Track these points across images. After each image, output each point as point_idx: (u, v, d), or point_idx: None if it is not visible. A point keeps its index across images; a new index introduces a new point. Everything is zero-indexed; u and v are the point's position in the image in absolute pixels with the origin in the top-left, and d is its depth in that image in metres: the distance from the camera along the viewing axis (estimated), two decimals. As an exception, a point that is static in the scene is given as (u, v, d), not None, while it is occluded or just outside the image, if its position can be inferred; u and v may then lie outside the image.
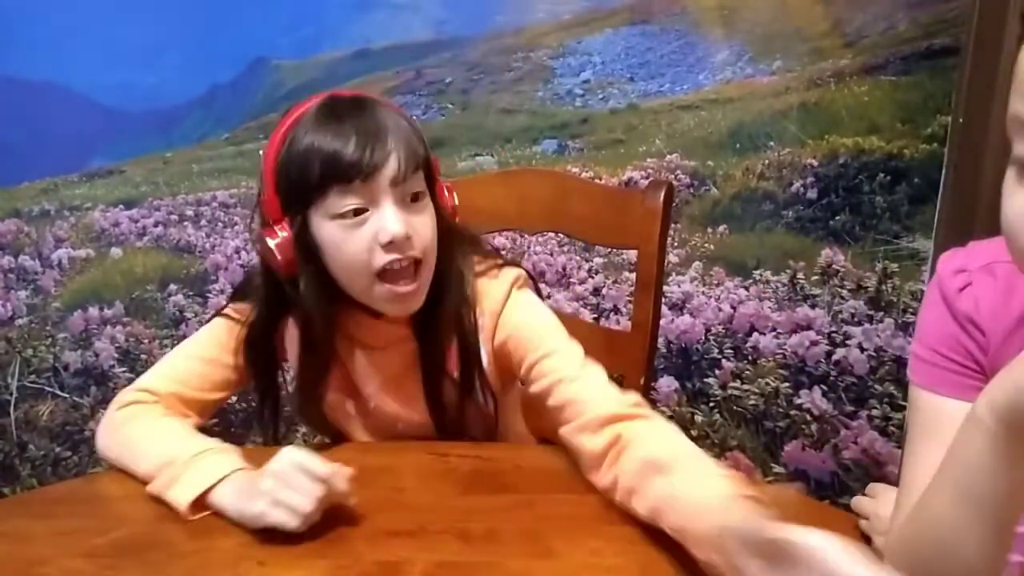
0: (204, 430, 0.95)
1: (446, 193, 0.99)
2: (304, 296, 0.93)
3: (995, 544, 0.62)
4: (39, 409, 1.97)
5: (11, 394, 1.96)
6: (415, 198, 0.91)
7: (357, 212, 0.88)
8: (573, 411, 0.90)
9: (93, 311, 1.95)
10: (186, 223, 1.94)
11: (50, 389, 1.96)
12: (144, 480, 0.89)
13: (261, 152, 0.93)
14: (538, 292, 1.05)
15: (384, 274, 0.91)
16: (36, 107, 1.85)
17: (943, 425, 0.67)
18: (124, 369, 1.95)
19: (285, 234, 0.91)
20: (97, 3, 1.80)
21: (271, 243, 0.91)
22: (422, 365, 1.01)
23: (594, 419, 0.87)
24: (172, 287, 1.95)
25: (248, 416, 1.95)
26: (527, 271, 1.05)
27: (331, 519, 0.81)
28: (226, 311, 1.02)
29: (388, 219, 0.88)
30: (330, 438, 1.09)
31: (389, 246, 0.89)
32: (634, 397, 0.91)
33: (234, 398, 1.93)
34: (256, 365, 1.02)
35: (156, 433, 0.93)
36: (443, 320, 0.98)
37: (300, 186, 0.89)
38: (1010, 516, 0.61)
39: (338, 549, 0.79)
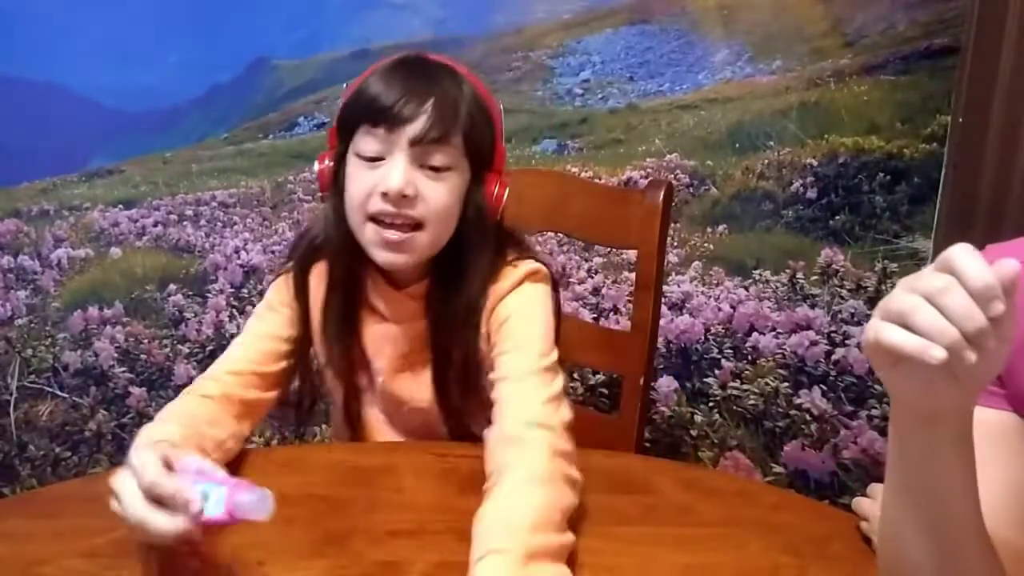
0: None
1: (496, 187, 0.99)
2: (324, 220, 1.01)
3: (939, 549, 0.62)
4: (39, 409, 1.97)
5: (11, 394, 1.96)
6: (436, 168, 0.94)
7: (374, 158, 0.94)
8: (496, 412, 0.92)
9: (93, 311, 1.95)
10: (185, 223, 1.94)
11: (50, 389, 1.96)
12: None
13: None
14: (556, 293, 1.04)
15: (376, 219, 0.95)
16: (35, 107, 1.85)
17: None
18: (124, 369, 1.95)
19: (330, 163, 0.99)
20: (97, 3, 1.79)
21: (316, 166, 1.00)
22: (432, 346, 1.02)
23: (498, 435, 0.88)
24: (171, 287, 1.95)
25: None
26: (552, 273, 1.05)
27: (331, 519, 0.81)
28: (279, 271, 1.09)
29: (393, 171, 0.92)
30: (347, 414, 1.10)
31: (385, 196, 0.92)
32: (548, 416, 0.89)
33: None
34: (333, 297, 1.04)
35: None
36: (458, 305, 0.99)
37: (345, 120, 0.97)
38: (942, 512, 0.61)
39: (338, 549, 0.79)
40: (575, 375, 1.82)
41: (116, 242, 1.94)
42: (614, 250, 1.81)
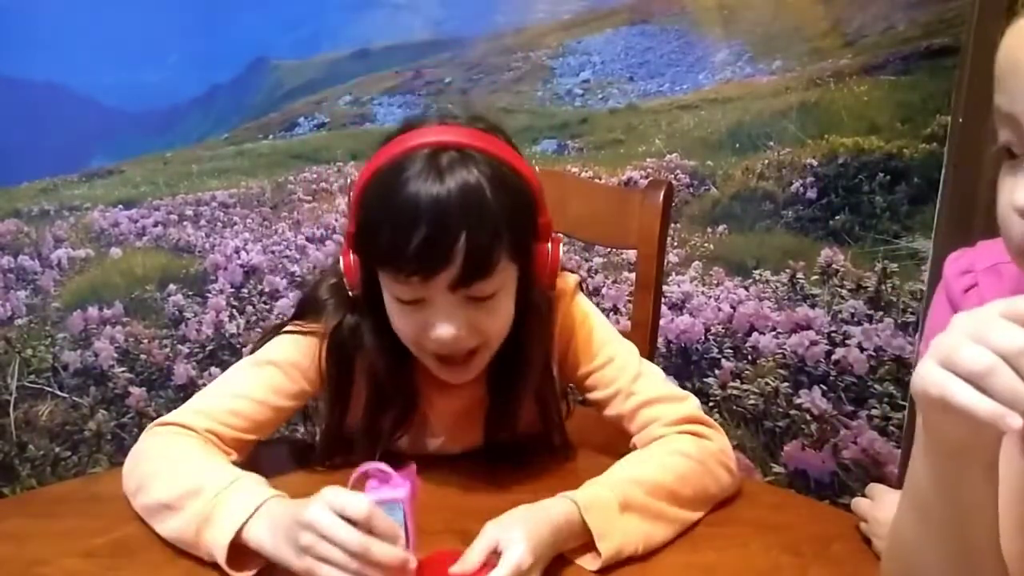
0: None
1: (549, 250, 0.88)
2: (367, 341, 0.90)
3: (957, 564, 0.61)
4: (39, 409, 1.97)
5: (11, 394, 1.96)
6: (483, 298, 0.83)
7: (414, 301, 0.83)
8: (632, 426, 0.95)
9: (92, 311, 1.95)
10: (185, 223, 1.94)
11: (49, 389, 1.96)
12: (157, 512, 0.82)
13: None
14: (583, 290, 1.03)
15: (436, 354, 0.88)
16: (36, 107, 1.85)
17: None
18: (123, 369, 1.95)
19: (355, 262, 0.86)
20: (97, 3, 1.80)
21: (342, 260, 0.87)
22: (487, 423, 0.97)
23: (646, 437, 0.93)
24: (171, 287, 1.95)
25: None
26: (574, 271, 1.04)
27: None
28: (291, 328, 0.94)
29: (440, 324, 0.83)
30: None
31: (437, 343, 0.85)
32: (687, 408, 0.95)
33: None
34: (339, 371, 0.93)
35: (176, 459, 0.86)
36: (523, 381, 0.94)
37: (367, 247, 0.84)
38: (965, 533, 0.60)
39: (338, 549, 0.79)
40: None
41: (116, 242, 1.94)
42: (614, 250, 1.81)
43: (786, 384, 1.82)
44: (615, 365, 0.96)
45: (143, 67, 1.83)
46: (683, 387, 1.86)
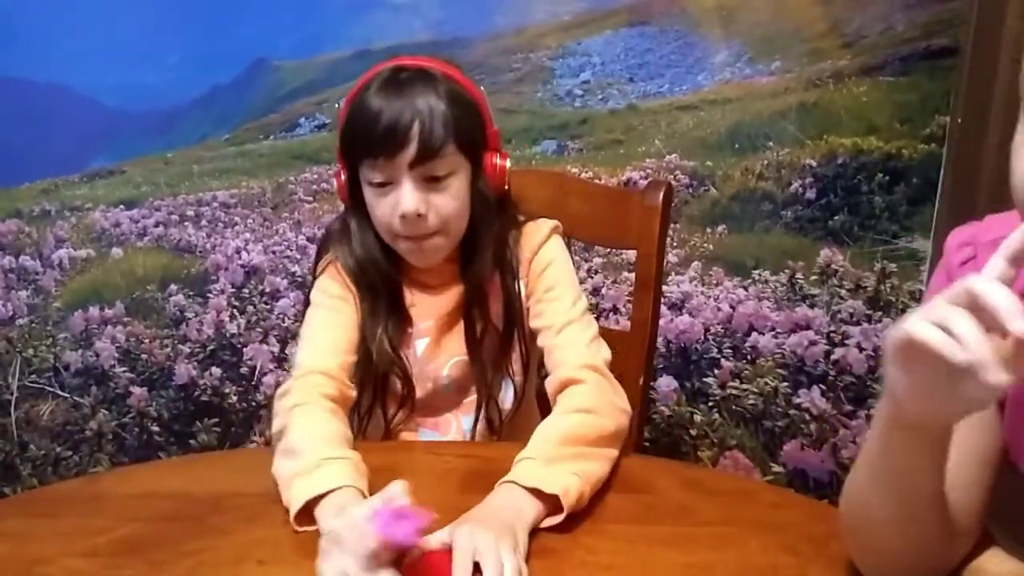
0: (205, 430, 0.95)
1: (495, 164, 1.08)
2: (353, 233, 1.09)
3: (901, 516, 0.67)
4: (40, 409, 1.97)
5: (12, 394, 1.96)
6: (438, 179, 1.02)
7: (382, 184, 1.02)
8: (547, 362, 1.08)
9: (94, 311, 1.95)
10: (186, 223, 1.94)
11: (51, 389, 1.97)
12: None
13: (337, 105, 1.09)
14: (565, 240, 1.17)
15: (402, 236, 1.04)
16: (37, 107, 1.85)
17: None
18: (125, 369, 1.96)
19: (344, 178, 1.07)
20: (98, 3, 1.80)
21: (335, 182, 1.09)
22: (464, 306, 1.11)
23: (554, 381, 1.03)
24: (173, 287, 1.95)
25: (248, 416, 1.96)
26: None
27: (331, 518, 0.81)
28: (318, 272, 1.13)
29: (403, 197, 1.01)
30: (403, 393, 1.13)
31: (403, 219, 1.01)
32: (593, 357, 1.05)
33: (234, 397, 1.95)
34: (371, 278, 1.09)
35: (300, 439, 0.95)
36: (483, 267, 1.09)
37: (349, 146, 1.05)
38: (910, 491, 0.66)
39: (338, 548, 0.79)
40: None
41: (117, 242, 1.95)
42: (614, 250, 1.82)
43: (785, 384, 1.82)
44: (559, 304, 1.09)
45: (144, 68, 1.83)
46: (682, 387, 1.88)
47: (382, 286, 1.10)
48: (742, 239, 1.82)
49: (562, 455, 0.90)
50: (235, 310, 1.95)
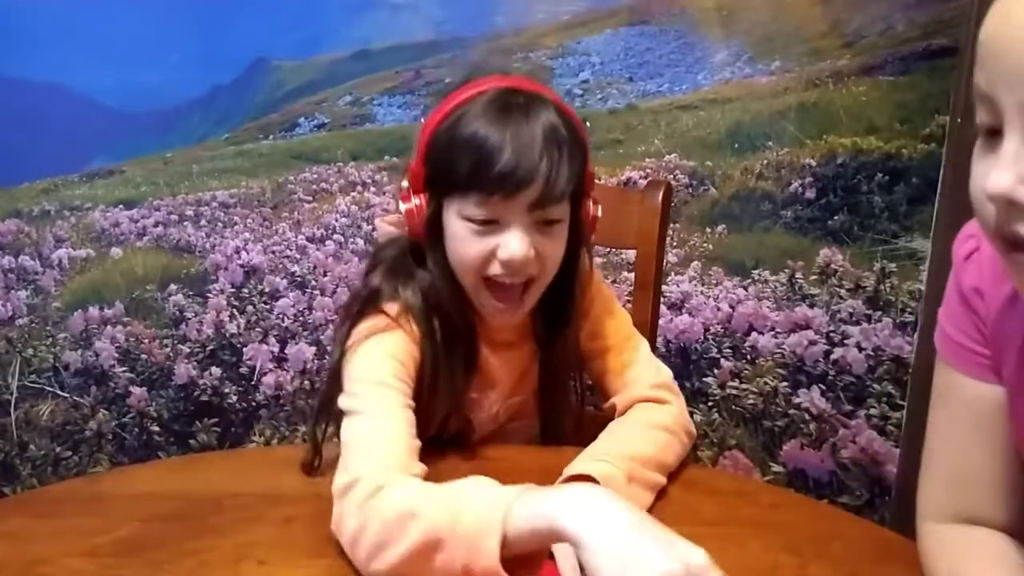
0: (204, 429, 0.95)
1: (591, 207, 0.96)
2: (432, 273, 0.94)
3: None
4: (39, 409, 1.97)
5: (11, 394, 1.96)
6: (551, 223, 0.90)
7: (487, 222, 0.88)
8: (611, 383, 1.03)
9: (93, 311, 1.95)
10: (186, 223, 1.94)
11: (50, 389, 1.97)
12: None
13: (422, 120, 0.95)
14: None
15: (492, 283, 0.92)
16: (37, 107, 1.85)
17: (957, 399, 0.74)
18: (124, 369, 1.95)
19: (419, 204, 0.91)
20: (98, 3, 1.80)
21: (403, 206, 0.92)
22: (540, 368, 1.04)
23: (627, 400, 1.00)
24: (172, 287, 1.95)
25: (247, 416, 1.96)
26: None
27: (330, 518, 0.81)
28: (371, 328, 0.92)
29: (513, 241, 0.88)
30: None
31: (506, 264, 0.89)
32: (666, 377, 1.03)
33: (234, 397, 1.95)
34: (447, 326, 0.94)
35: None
36: (568, 320, 1.01)
37: (445, 176, 0.89)
38: None
39: (338, 549, 0.79)
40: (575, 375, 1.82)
41: (117, 242, 1.95)
42: (613, 250, 1.82)
43: (785, 384, 1.82)
44: (615, 321, 1.05)
45: (144, 68, 1.83)
46: (682, 387, 1.87)
47: (458, 338, 0.95)
48: (742, 239, 1.82)
49: (642, 479, 0.89)
50: (235, 310, 1.95)
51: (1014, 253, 0.55)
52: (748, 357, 1.84)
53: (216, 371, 1.94)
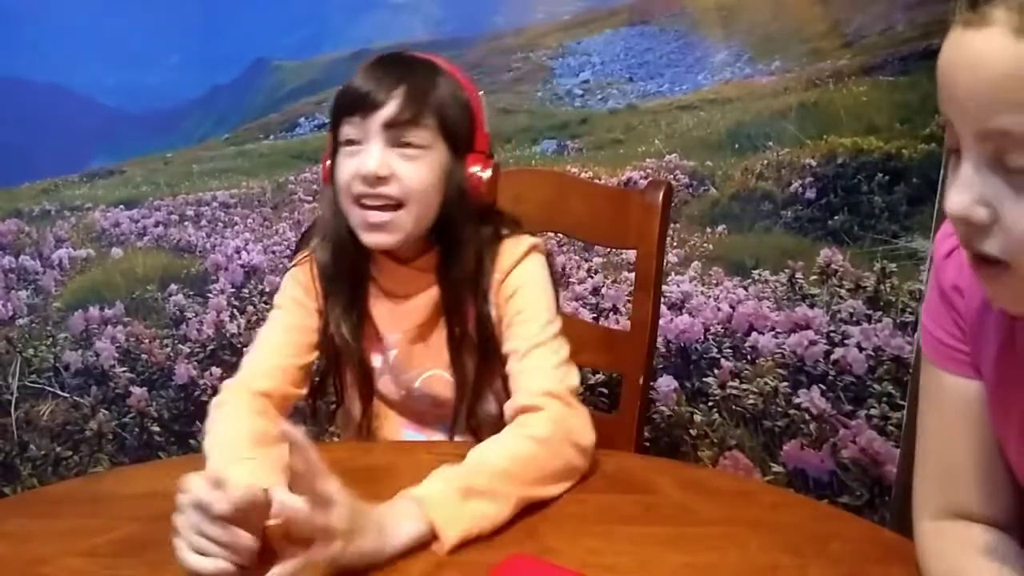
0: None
1: (478, 168, 1.04)
2: (322, 210, 1.08)
3: None
4: (40, 409, 1.97)
5: (12, 394, 1.96)
6: (410, 146, 0.99)
7: (352, 142, 1.00)
8: (511, 387, 1.02)
9: (94, 311, 1.95)
10: (186, 223, 1.94)
11: (51, 389, 1.97)
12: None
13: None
14: (551, 267, 1.10)
15: (360, 202, 1.00)
16: (37, 107, 1.86)
17: (941, 396, 0.74)
18: (124, 369, 1.96)
19: (328, 158, 1.05)
20: (98, 4, 1.80)
21: (322, 168, 1.06)
22: (444, 309, 1.07)
23: (510, 409, 0.97)
24: (172, 287, 1.95)
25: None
26: (546, 249, 1.11)
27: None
28: (291, 265, 1.12)
29: (369, 154, 0.98)
30: (363, 392, 1.13)
31: (364, 179, 0.98)
32: (557, 384, 0.98)
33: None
34: (338, 281, 1.07)
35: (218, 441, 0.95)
36: (461, 272, 1.05)
37: (332, 115, 1.03)
38: None
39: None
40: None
41: (117, 242, 1.95)
42: (614, 250, 1.82)
43: (785, 384, 1.82)
44: (527, 327, 1.03)
45: (144, 68, 1.83)
46: (682, 387, 1.88)
47: (348, 279, 1.07)
48: (742, 239, 1.82)
49: (485, 491, 0.83)
50: (235, 310, 1.95)
51: (980, 267, 0.58)
52: (748, 357, 1.84)
53: (216, 371, 1.94)
